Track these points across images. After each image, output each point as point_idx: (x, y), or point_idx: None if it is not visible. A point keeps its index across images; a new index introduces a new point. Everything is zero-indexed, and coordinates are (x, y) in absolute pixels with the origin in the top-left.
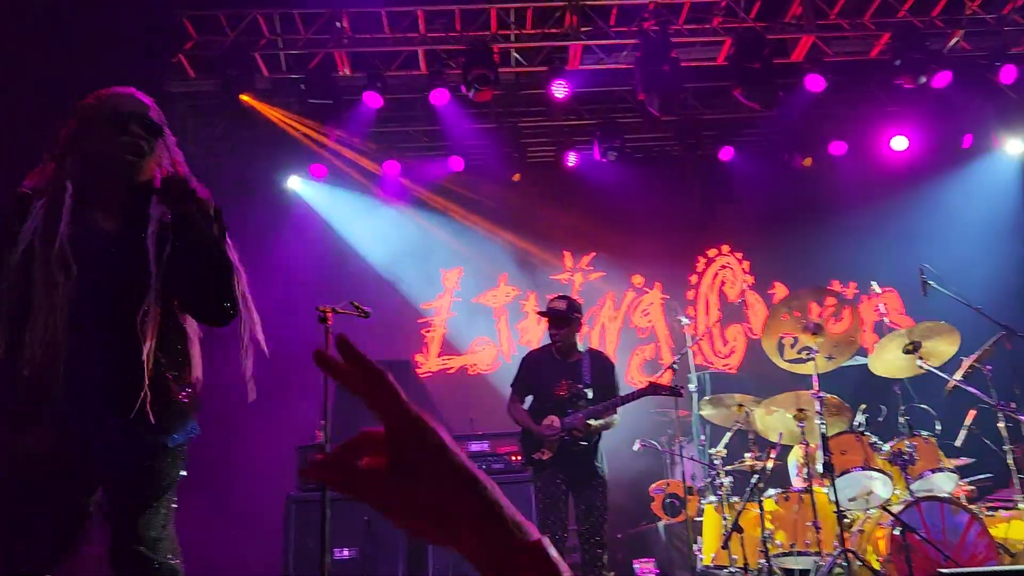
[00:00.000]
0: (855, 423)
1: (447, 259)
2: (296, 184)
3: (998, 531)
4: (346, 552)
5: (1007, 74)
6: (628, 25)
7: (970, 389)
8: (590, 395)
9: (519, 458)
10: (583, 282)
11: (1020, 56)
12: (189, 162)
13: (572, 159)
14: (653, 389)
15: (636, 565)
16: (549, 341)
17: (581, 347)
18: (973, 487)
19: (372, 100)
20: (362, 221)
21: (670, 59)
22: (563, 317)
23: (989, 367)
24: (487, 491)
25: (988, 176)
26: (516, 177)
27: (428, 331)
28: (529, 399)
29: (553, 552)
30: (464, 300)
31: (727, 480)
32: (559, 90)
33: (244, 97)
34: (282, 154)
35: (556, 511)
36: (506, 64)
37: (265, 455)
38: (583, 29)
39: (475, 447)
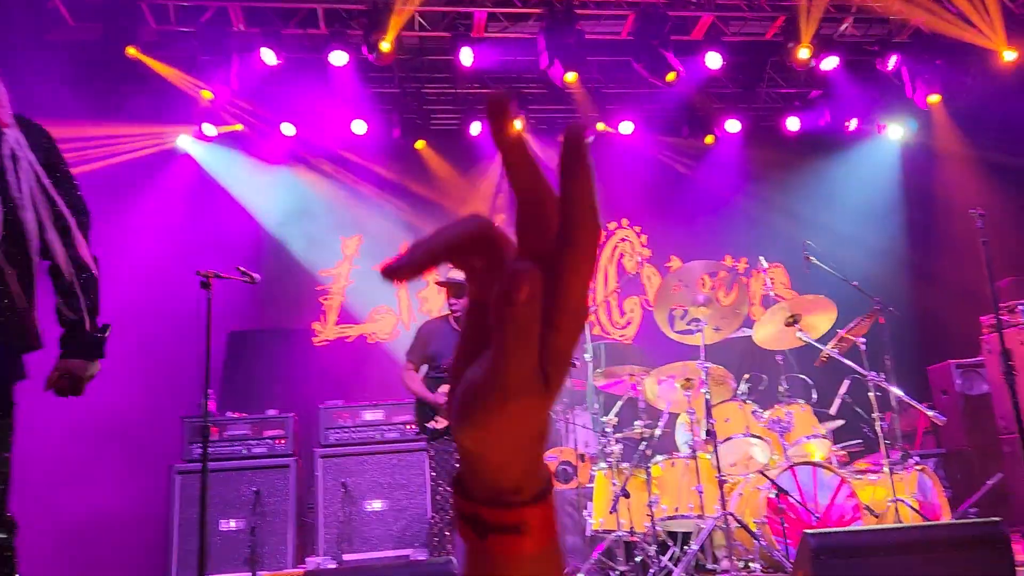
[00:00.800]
0: (738, 392)
1: (346, 226)
2: (185, 143)
3: (864, 494)
4: (233, 523)
5: (890, 62)
6: None
7: (844, 360)
8: None
9: (414, 427)
10: None
11: (903, 45)
12: (68, 120)
13: (476, 128)
14: None
15: None
16: (448, 311)
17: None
18: (844, 452)
19: (268, 58)
20: (256, 184)
21: (575, 31)
22: (463, 287)
23: (863, 340)
24: None
25: (871, 159)
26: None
27: (326, 299)
28: (424, 369)
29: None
30: (364, 268)
31: (617, 447)
32: (465, 57)
33: (130, 50)
34: (170, 111)
35: (449, 477)
36: (410, 28)
37: (149, 425)
38: None
39: (370, 416)
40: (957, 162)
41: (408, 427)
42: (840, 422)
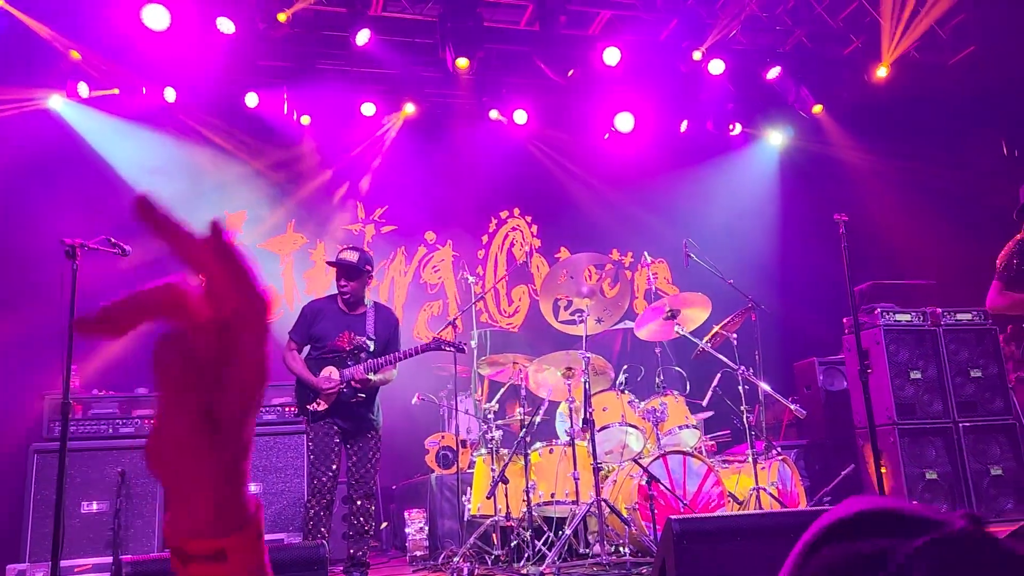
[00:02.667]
0: (616, 382)
1: (231, 201)
2: (57, 104)
3: (730, 482)
4: (95, 505)
5: (773, 71)
6: None
7: (717, 354)
8: (371, 348)
9: (293, 409)
10: (374, 234)
11: (785, 55)
12: None
13: (371, 108)
14: (437, 344)
15: (407, 515)
16: (336, 291)
17: (367, 301)
18: (713, 442)
19: (154, 20)
20: (135, 152)
21: (474, 15)
22: (353, 269)
23: (735, 335)
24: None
25: (752, 163)
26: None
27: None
28: (307, 350)
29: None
30: (248, 245)
31: (498, 434)
32: (361, 37)
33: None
34: (41, 70)
35: (328, 461)
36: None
37: (6, 403)
38: None
39: None
40: (830, 168)
41: (287, 409)
42: (710, 413)
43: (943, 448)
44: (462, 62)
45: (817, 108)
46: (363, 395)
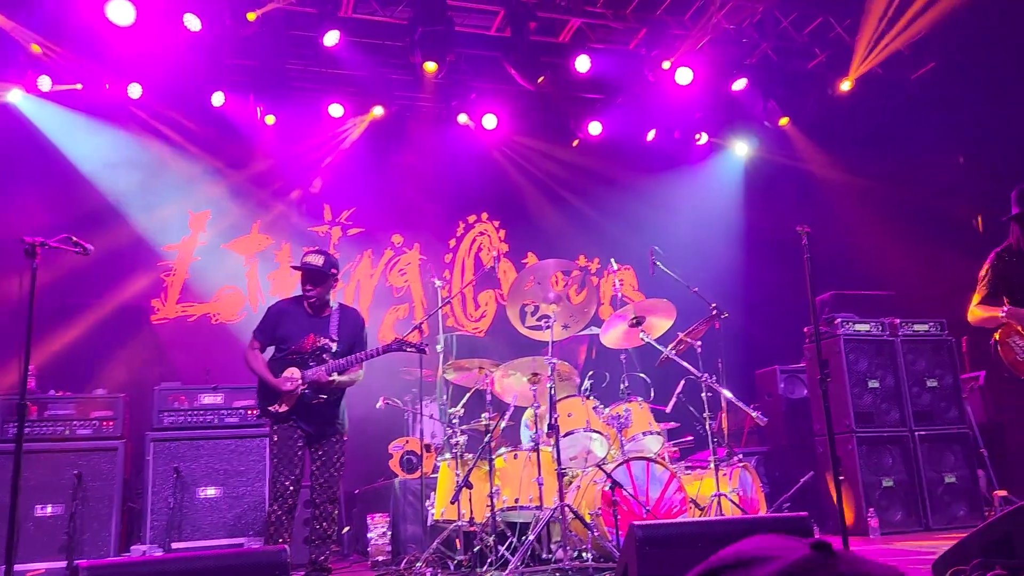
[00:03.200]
0: (582, 388)
1: (196, 200)
2: (16, 98)
3: (692, 488)
4: (50, 509)
5: (739, 82)
6: None
7: (681, 361)
8: (334, 349)
9: (255, 412)
10: (341, 236)
11: (752, 67)
12: None
13: (339, 110)
14: (399, 345)
15: (369, 519)
16: (301, 293)
17: (333, 303)
18: (676, 449)
19: (119, 15)
20: (97, 148)
21: (445, 20)
22: (319, 273)
23: (699, 343)
24: None
25: (717, 173)
26: (315, 185)
27: (168, 275)
28: (271, 351)
29: None
30: (212, 245)
31: (463, 439)
32: (331, 37)
33: None
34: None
35: (291, 465)
36: None
37: None
38: None
39: (208, 399)
40: (794, 179)
41: (249, 412)
42: (676, 424)
43: (900, 456)
44: (430, 66)
45: (783, 120)
46: (324, 396)
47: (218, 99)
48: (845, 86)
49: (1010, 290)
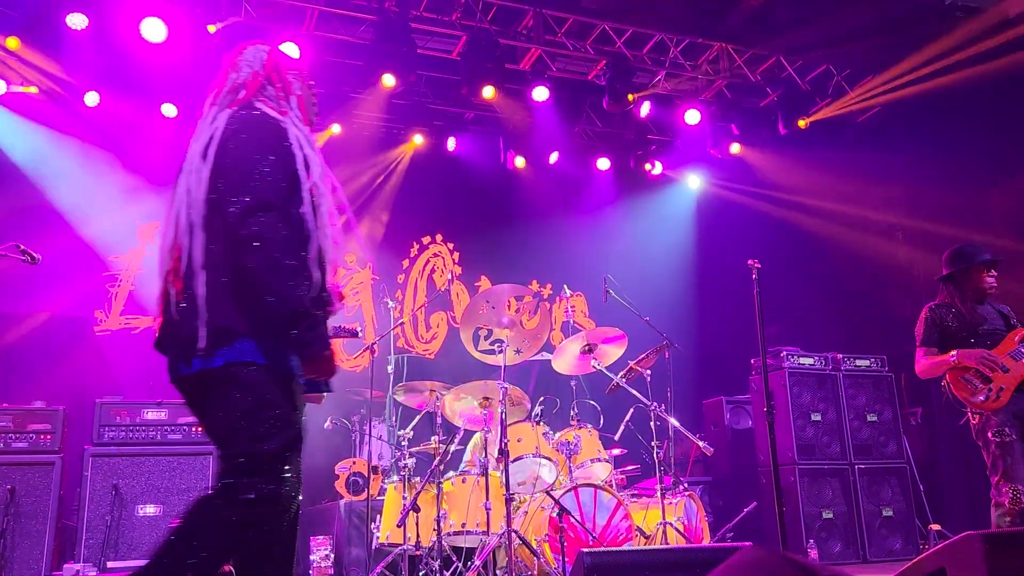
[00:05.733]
0: (532, 413)
1: (146, 211)
2: None
3: (638, 516)
4: None
5: (692, 116)
6: (369, 0)
7: (631, 389)
8: None
9: (199, 429)
10: None
11: (706, 102)
12: None
13: None
14: (334, 332)
15: (311, 542)
16: None
17: None
18: (624, 476)
19: (76, 20)
20: (48, 156)
21: (408, 42)
22: None
23: (649, 371)
24: None
25: (672, 204)
26: None
27: (113, 286)
28: None
29: None
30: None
31: (411, 461)
32: (292, 51)
33: None
34: None
35: None
36: (236, 13)
37: None
38: None
39: (152, 415)
40: (743, 213)
41: (193, 429)
42: (624, 451)
43: (839, 488)
44: (388, 80)
45: (735, 147)
46: None
47: (170, 111)
48: (800, 124)
49: (946, 339)
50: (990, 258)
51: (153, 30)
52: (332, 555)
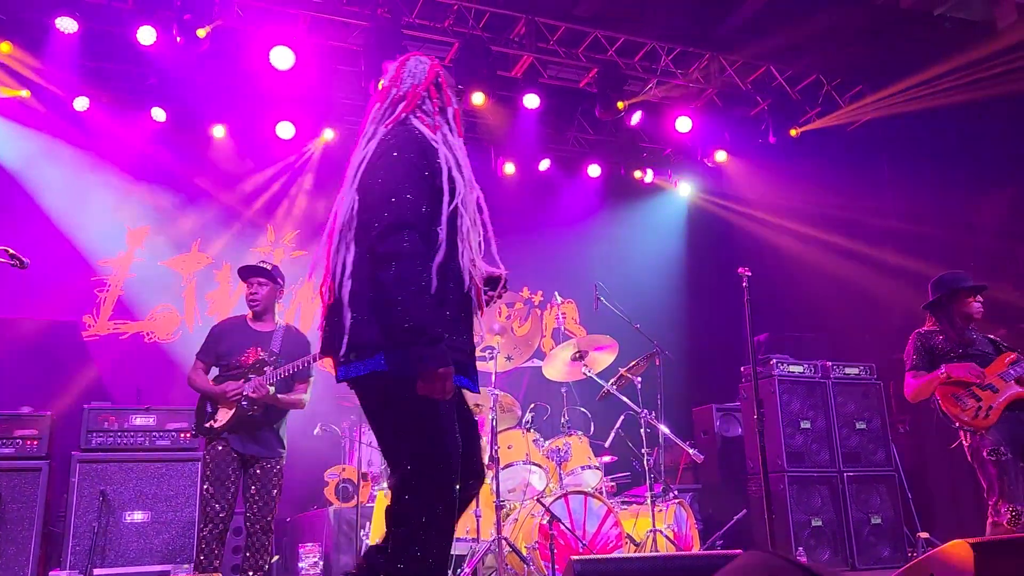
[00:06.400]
0: (523, 420)
1: (135, 215)
2: None
3: (628, 523)
4: None
5: (684, 124)
6: (362, 7)
7: (621, 397)
8: (277, 364)
9: (186, 435)
10: (283, 258)
11: (697, 110)
12: None
13: (290, 130)
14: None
15: (300, 549)
16: (242, 312)
17: (278, 320)
18: (614, 483)
19: (66, 25)
20: (35, 159)
21: (400, 49)
22: (267, 273)
23: (639, 379)
24: None
25: (662, 212)
26: None
27: (101, 290)
28: (215, 371)
29: None
30: (149, 262)
31: None
32: (284, 57)
33: None
34: None
35: (223, 489)
36: (227, 17)
37: None
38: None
39: (140, 420)
40: (735, 220)
41: (181, 435)
42: (612, 455)
43: (828, 496)
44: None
45: (722, 156)
46: (256, 407)
47: (159, 115)
48: (792, 132)
49: (935, 361)
50: (975, 284)
51: (144, 34)
52: (321, 562)
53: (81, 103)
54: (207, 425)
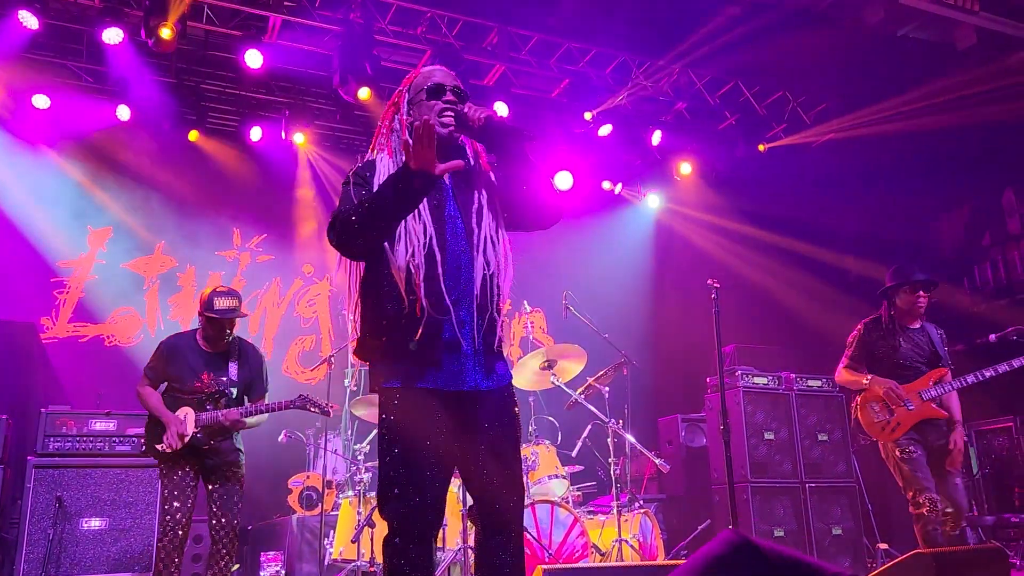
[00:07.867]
0: None
1: (97, 216)
2: None
3: (594, 533)
4: None
5: (655, 137)
6: (334, 11)
7: (588, 406)
8: (233, 393)
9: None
10: (249, 262)
11: (667, 124)
12: None
13: (257, 133)
14: (303, 402)
15: (262, 557)
16: (195, 328)
17: (228, 336)
18: (580, 493)
19: (27, 20)
20: None
21: (371, 55)
22: (237, 317)
23: (607, 388)
24: None
25: (630, 223)
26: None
27: (61, 292)
28: (164, 386)
29: None
30: (110, 263)
31: (367, 476)
32: (254, 59)
33: None
34: None
35: (183, 496)
36: (198, 19)
37: None
38: (286, 3)
39: (99, 425)
40: (702, 232)
41: (142, 441)
42: (579, 465)
43: (790, 507)
44: (363, 93)
45: (686, 169)
46: (212, 442)
47: (123, 113)
48: (760, 148)
49: (872, 360)
50: (924, 279)
51: (111, 34)
52: (283, 571)
53: (42, 101)
54: (157, 447)
